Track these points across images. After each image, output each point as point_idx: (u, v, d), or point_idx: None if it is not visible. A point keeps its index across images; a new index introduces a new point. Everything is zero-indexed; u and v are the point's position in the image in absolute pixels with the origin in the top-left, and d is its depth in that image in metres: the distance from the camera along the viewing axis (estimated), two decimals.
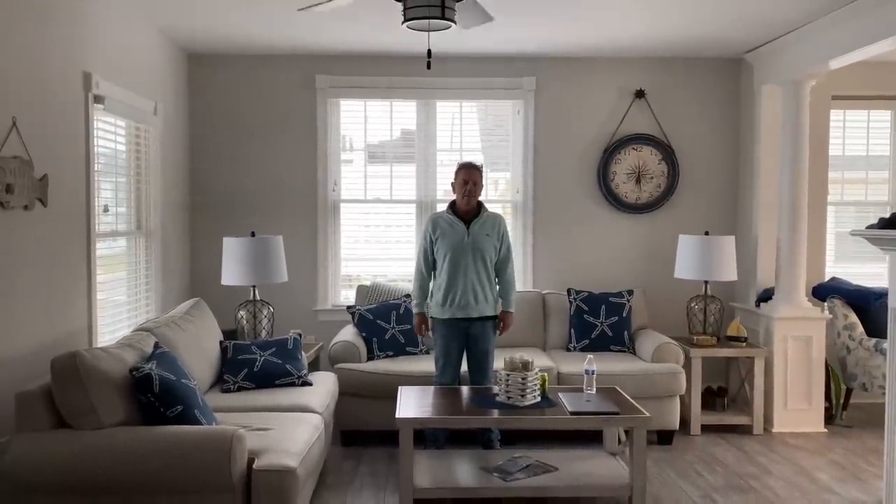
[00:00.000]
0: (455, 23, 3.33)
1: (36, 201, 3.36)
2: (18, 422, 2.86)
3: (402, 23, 3.34)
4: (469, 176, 4.32)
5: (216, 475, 2.78)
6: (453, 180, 4.38)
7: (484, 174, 4.42)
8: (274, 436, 3.20)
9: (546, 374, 4.05)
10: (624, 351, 5.08)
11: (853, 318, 5.13)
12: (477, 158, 5.60)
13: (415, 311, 4.47)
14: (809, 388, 5.03)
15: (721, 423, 5.05)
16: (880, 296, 5.10)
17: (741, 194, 5.70)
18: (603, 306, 5.15)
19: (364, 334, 4.94)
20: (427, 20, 3.23)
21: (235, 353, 4.19)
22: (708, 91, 5.70)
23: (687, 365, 4.88)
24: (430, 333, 4.47)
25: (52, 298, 3.55)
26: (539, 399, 3.87)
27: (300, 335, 4.45)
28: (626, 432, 4.06)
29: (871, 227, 3.22)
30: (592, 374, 4.03)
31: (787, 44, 4.95)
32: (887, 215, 3.20)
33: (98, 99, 3.94)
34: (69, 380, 2.83)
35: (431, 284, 4.44)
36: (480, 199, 4.46)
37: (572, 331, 5.18)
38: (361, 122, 5.71)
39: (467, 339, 4.38)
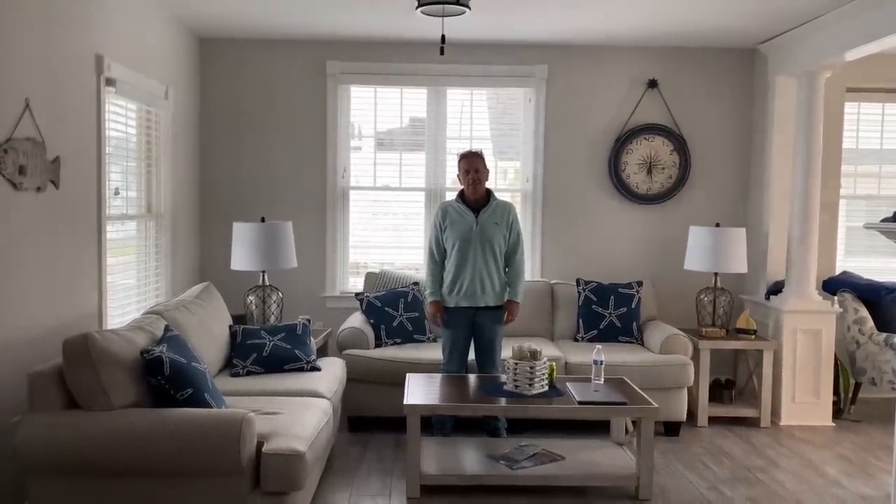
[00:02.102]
0: (469, 8, 3.32)
1: (48, 183, 3.36)
2: (30, 402, 2.87)
3: (417, 8, 3.34)
4: (471, 164, 4.32)
5: (225, 458, 2.79)
6: (458, 172, 4.40)
7: (486, 159, 4.41)
8: (283, 420, 3.21)
9: (554, 363, 4.05)
10: (632, 342, 5.07)
11: (863, 312, 5.10)
12: (485, 147, 5.57)
13: (429, 299, 4.46)
14: (818, 382, 5.02)
15: (728, 415, 5.04)
16: (891, 290, 5.09)
17: (753, 186, 5.66)
18: (612, 297, 5.14)
19: (372, 321, 4.95)
20: (441, 6, 3.22)
21: (245, 337, 4.20)
22: (721, 82, 5.66)
23: (695, 357, 4.87)
24: (442, 322, 4.46)
25: (63, 280, 3.56)
26: (547, 388, 3.87)
27: (309, 321, 4.46)
28: (634, 423, 4.06)
29: (885, 220, 3.19)
30: (601, 364, 4.03)
31: (801, 35, 4.90)
32: None
33: (110, 82, 3.93)
34: (81, 361, 2.84)
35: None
36: (490, 188, 4.46)
37: (580, 321, 5.17)
38: (371, 108, 5.69)
39: (474, 327, 4.39)
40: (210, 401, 3.07)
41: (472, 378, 4.19)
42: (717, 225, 5.20)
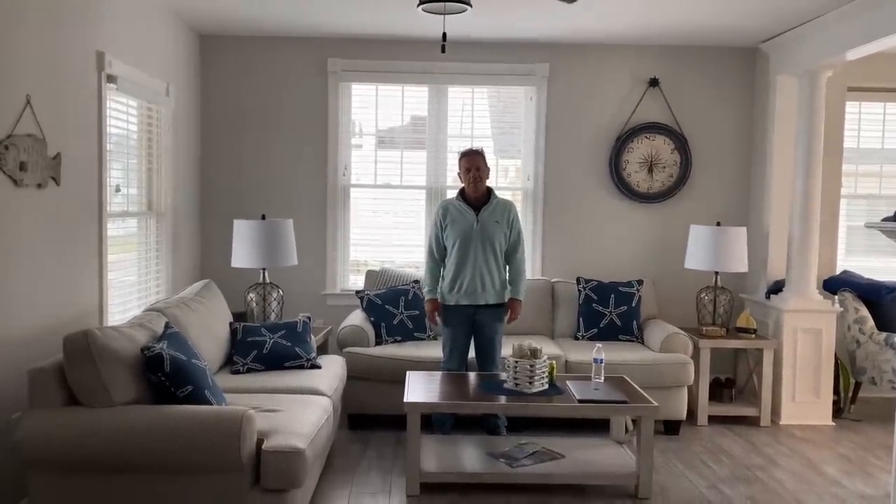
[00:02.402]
0: (470, 6, 3.31)
1: (49, 180, 3.36)
2: (31, 399, 2.87)
3: (418, 5, 3.33)
4: (471, 163, 4.32)
5: (225, 455, 2.79)
6: (458, 170, 4.40)
7: (487, 157, 4.41)
8: (283, 417, 3.21)
9: (554, 361, 4.05)
10: (632, 340, 5.07)
11: (864, 311, 5.10)
12: (486, 145, 5.57)
13: (427, 297, 4.47)
14: (818, 381, 5.02)
15: (728, 414, 5.04)
16: (892, 290, 5.09)
17: (754, 185, 5.66)
18: (612, 295, 5.14)
19: (372, 319, 4.95)
20: (443, 3, 3.21)
21: (245, 334, 4.20)
22: (722, 80, 5.65)
23: (695, 355, 4.87)
24: (439, 319, 4.47)
25: (64, 277, 3.56)
26: (547, 386, 3.87)
27: (309, 318, 4.46)
28: (634, 421, 4.06)
29: (886, 219, 3.19)
30: (601, 362, 4.03)
31: (803, 34, 4.90)
32: None
33: (111, 78, 3.93)
34: (81, 358, 2.84)
35: (442, 270, 4.44)
36: (491, 186, 4.47)
37: (581, 319, 5.17)
38: (372, 106, 5.69)
39: (474, 325, 4.39)
40: (210, 398, 3.07)
41: (473, 376, 4.19)
42: (718, 224, 5.20)
